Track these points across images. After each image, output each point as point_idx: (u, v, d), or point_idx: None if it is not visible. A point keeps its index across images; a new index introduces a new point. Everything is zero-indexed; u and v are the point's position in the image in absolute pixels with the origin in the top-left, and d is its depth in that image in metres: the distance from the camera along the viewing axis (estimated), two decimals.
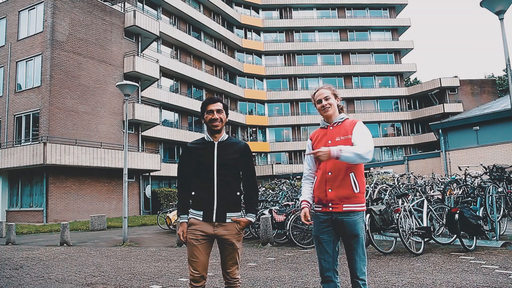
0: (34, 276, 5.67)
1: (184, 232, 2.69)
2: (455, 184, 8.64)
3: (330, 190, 2.61)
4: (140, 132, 23.25)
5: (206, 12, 35.83)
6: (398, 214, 6.11)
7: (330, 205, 2.63)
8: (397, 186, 8.87)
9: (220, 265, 2.85)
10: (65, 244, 9.52)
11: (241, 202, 2.81)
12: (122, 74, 21.59)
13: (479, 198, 6.80)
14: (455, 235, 6.28)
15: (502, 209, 7.20)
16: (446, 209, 6.86)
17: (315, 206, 2.78)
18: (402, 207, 6.23)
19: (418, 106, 42.57)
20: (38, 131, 17.99)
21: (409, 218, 6.20)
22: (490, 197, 6.77)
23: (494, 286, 4.03)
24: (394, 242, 6.46)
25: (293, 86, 41.86)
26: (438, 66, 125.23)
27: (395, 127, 42.39)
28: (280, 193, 11.54)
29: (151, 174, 24.30)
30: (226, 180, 2.69)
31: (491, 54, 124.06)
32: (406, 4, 43.95)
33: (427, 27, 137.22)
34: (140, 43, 23.36)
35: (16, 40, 19.92)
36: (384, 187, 8.62)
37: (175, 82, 31.56)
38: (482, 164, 9.82)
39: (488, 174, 8.49)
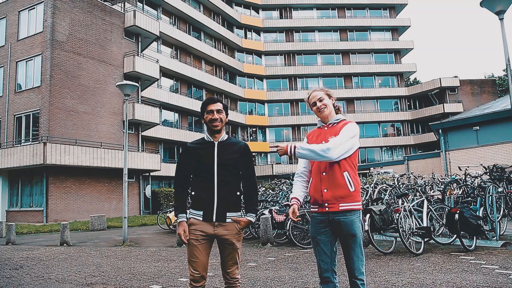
0: (34, 276, 5.67)
1: (185, 231, 2.66)
2: (455, 184, 8.64)
3: (326, 190, 2.62)
4: (140, 132, 23.26)
5: (206, 12, 35.83)
6: (398, 214, 6.11)
7: (326, 205, 2.63)
8: (397, 186, 8.86)
9: (219, 265, 2.85)
10: (65, 244, 9.52)
11: (241, 202, 2.81)
12: (122, 74, 21.60)
13: (479, 198, 6.80)
14: (455, 235, 6.28)
15: (502, 209, 7.20)
16: (446, 209, 6.86)
17: (312, 207, 2.79)
18: (402, 207, 6.23)
19: (418, 106, 42.56)
20: (38, 131, 17.99)
21: (409, 218, 6.20)
22: (490, 197, 6.77)
23: (494, 286, 4.03)
24: (394, 242, 6.46)
25: (293, 86, 41.85)
26: (438, 66, 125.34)
27: (395, 127, 42.39)
28: (280, 193, 11.52)
29: (151, 174, 24.30)
30: (226, 180, 2.69)
31: (491, 54, 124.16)
32: (406, 4, 43.95)
33: (427, 27, 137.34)
34: (140, 43, 23.36)
35: (16, 40, 19.93)
36: (384, 187, 8.62)
37: (175, 82, 31.56)
38: (482, 164, 9.81)
39: (488, 174, 8.49)
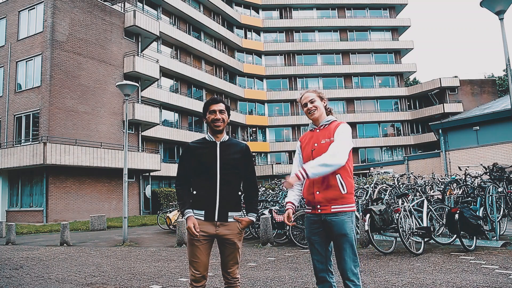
0: (34, 276, 5.67)
1: (195, 224, 2.58)
2: (455, 184, 8.64)
3: (318, 192, 2.65)
4: (140, 132, 23.26)
5: (206, 12, 35.83)
6: (398, 214, 6.11)
7: (318, 207, 2.66)
8: (397, 186, 8.87)
9: (219, 265, 2.84)
10: (65, 244, 9.52)
11: (241, 202, 2.82)
12: (122, 74, 21.60)
13: (479, 198, 6.79)
14: (455, 235, 6.27)
15: (502, 209, 7.20)
16: (446, 209, 6.85)
17: (306, 208, 2.82)
18: (402, 207, 6.23)
19: (418, 106, 42.56)
20: (38, 131, 17.99)
21: (409, 218, 6.20)
22: (490, 197, 6.77)
23: (494, 286, 4.03)
24: (394, 242, 6.46)
25: (293, 86, 41.85)
26: (438, 66, 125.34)
27: (395, 127, 42.38)
28: (280, 193, 11.52)
29: (151, 174, 24.30)
30: (228, 179, 2.69)
31: (491, 54, 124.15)
32: (406, 4, 43.94)
33: (427, 27, 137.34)
34: (140, 43, 23.36)
35: (16, 40, 19.92)
36: (384, 187, 8.62)
37: (175, 82, 31.55)
38: (482, 164, 9.81)
39: (488, 174, 8.49)
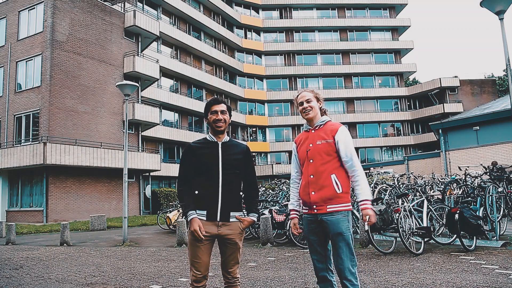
0: (34, 276, 5.67)
1: (201, 227, 2.57)
2: (455, 184, 8.64)
3: (313, 193, 2.65)
4: (140, 132, 23.25)
5: (206, 12, 35.82)
6: (398, 214, 6.10)
7: (314, 207, 2.66)
8: (397, 186, 8.87)
9: (219, 264, 2.85)
10: (65, 244, 9.52)
11: (242, 202, 2.83)
12: (122, 74, 21.60)
13: (479, 198, 6.79)
14: (455, 235, 6.27)
15: (502, 209, 7.20)
16: (446, 209, 6.85)
17: (303, 208, 2.81)
18: (402, 207, 6.23)
19: (418, 106, 42.55)
20: (38, 131, 17.99)
21: (409, 218, 6.19)
22: (490, 197, 6.77)
23: (494, 286, 4.03)
24: (394, 242, 6.46)
25: (293, 86, 41.85)
26: (438, 66, 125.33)
27: (395, 127, 42.38)
28: (280, 193, 11.52)
29: (151, 174, 24.30)
30: (230, 179, 2.70)
31: (491, 54, 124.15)
32: (406, 4, 43.95)
33: (427, 27, 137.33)
34: (140, 43, 23.36)
35: (16, 40, 19.92)
36: (384, 187, 8.62)
37: (175, 82, 31.55)
38: (482, 164, 9.82)
39: (488, 174, 8.49)
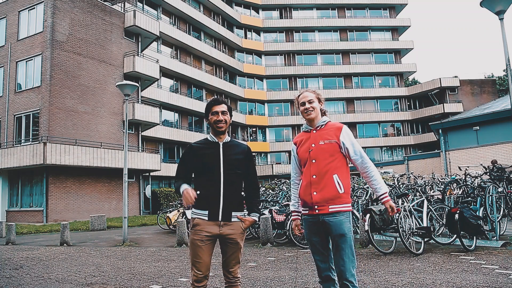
0: (34, 276, 5.67)
1: (193, 192, 2.57)
2: (455, 184, 8.64)
3: (315, 193, 2.63)
4: (140, 132, 23.25)
5: (206, 12, 35.82)
6: (398, 214, 6.10)
7: (316, 207, 2.65)
8: (397, 186, 8.87)
9: (219, 264, 2.85)
10: (65, 244, 9.52)
11: (243, 202, 2.83)
12: (122, 74, 21.59)
13: (479, 198, 6.79)
14: (455, 235, 6.27)
15: (502, 209, 7.20)
16: (446, 209, 6.85)
17: (302, 209, 2.79)
18: (402, 207, 6.23)
19: (418, 106, 42.54)
20: (38, 131, 17.99)
21: (409, 218, 6.19)
22: (490, 197, 6.77)
23: (494, 286, 4.03)
24: (394, 242, 6.46)
25: (293, 86, 41.85)
26: (438, 66, 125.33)
27: (395, 127, 42.37)
28: (280, 193, 11.52)
29: (151, 174, 24.29)
30: (231, 180, 2.71)
31: (491, 54, 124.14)
32: (406, 4, 43.94)
33: (427, 27, 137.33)
34: (140, 43, 23.36)
35: (16, 40, 19.92)
36: None
37: (175, 82, 31.55)
38: (482, 164, 9.82)
39: (488, 174, 8.49)
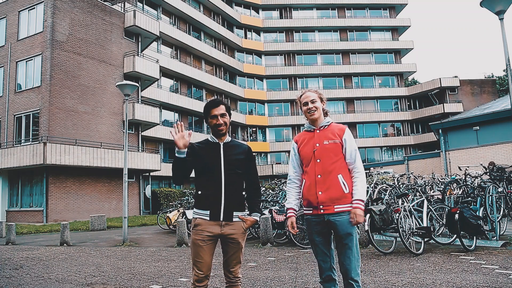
0: (34, 276, 5.67)
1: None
2: (455, 184, 8.63)
3: (321, 193, 2.63)
4: (140, 132, 23.25)
5: (206, 12, 35.82)
6: (398, 214, 6.10)
7: (321, 207, 2.64)
8: (397, 186, 8.86)
9: (220, 264, 2.85)
10: (65, 244, 9.52)
11: (244, 202, 2.83)
12: (122, 74, 21.60)
13: (479, 198, 6.79)
14: (455, 235, 6.27)
15: (502, 209, 7.20)
16: (446, 209, 6.85)
17: (305, 209, 2.78)
18: (402, 207, 6.23)
19: (418, 106, 42.55)
20: (38, 131, 17.99)
21: (409, 218, 6.19)
22: (490, 197, 6.76)
23: (494, 286, 4.03)
24: (394, 242, 6.46)
25: (293, 86, 41.85)
26: (438, 66, 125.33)
27: (395, 127, 42.38)
28: (280, 193, 11.50)
29: (151, 174, 24.29)
30: (232, 180, 2.71)
31: (491, 54, 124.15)
32: (406, 4, 43.95)
33: (427, 27, 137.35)
34: (140, 43, 23.36)
35: (16, 40, 19.92)
36: (384, 187, 8.61)
37: (175, 82, 31.55)
38: (482, 164, 9.81)
39: (488, 174, 8.49)
